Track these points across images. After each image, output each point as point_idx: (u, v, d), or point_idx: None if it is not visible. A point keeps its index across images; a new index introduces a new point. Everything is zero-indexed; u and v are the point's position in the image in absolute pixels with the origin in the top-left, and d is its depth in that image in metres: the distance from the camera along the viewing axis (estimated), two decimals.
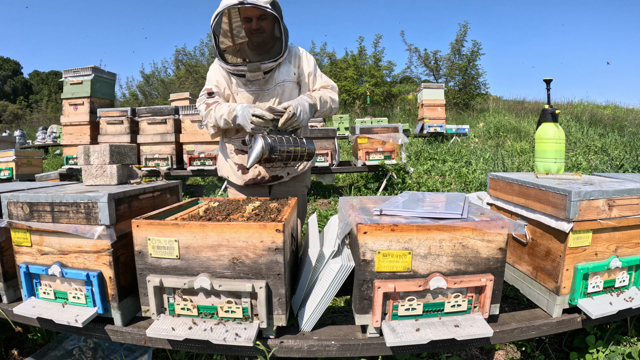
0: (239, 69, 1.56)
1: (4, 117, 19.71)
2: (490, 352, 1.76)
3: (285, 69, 1.65)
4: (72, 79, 4.81)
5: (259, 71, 1.56)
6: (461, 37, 12.27)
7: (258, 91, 1.63)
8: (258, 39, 1.62)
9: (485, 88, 12.67)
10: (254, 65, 1.54)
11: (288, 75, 1.65)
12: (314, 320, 1.17)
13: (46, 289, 1.23)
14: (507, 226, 1.10)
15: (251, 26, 1.57)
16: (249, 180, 1.73)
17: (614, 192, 1.20)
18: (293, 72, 1.68)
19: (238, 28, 1.74)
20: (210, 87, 1.66)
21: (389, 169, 4.41)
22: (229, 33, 1.75)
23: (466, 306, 1.13)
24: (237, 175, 1.74)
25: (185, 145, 4.28)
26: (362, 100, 12.17)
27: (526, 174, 1.64)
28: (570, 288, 1.24)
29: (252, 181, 1.74)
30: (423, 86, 8.03)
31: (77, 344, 1.67)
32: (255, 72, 1.56)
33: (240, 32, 1.74)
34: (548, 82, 1.66)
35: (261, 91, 1.63)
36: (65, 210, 1.15)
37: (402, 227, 1.07)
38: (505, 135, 8.02)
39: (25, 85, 28.81)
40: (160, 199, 1.47)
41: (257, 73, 1.56)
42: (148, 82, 15.18)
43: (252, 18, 1.56)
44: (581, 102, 12.12)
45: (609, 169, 4.60)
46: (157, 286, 1.09)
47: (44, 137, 9.88)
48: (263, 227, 1.04)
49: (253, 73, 1.56)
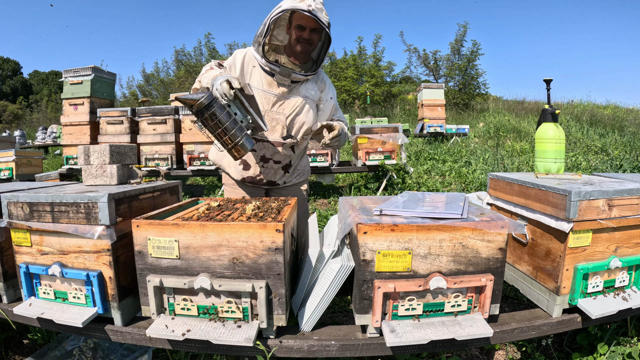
0: (272, 67, 1.59)
1: (4, 117, 19.70)
2: (490, 352, 1.76)
3: (311, 87, 1.71)
4: (72, 79, 4.81)
5: (288, 78, 1.60)
6: (461, 37, 12.28)
7: (280, 96, 1.65)
8: (304, 49, 1.64)
9: (485, 88, 12.68)
10: (286, 70, 1.59)
11: (312, 95, 1.71)
12: (314, 320, 1.17)
13: (46, 289, 1.23)
14: (507, 226, 1.10)
15: (302, 35, 1.60)
16: (247, 177, 1.74)
17: (614, 192, 1.20)
18: (317, 93, 1.73)
19: (278, 30, 1.76)
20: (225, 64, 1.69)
21: (389, 169, 4.41)
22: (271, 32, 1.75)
23: (466, 306, 1.13)
24: (237, 169, 1.74)
25: (185, 145, 4.29)
26: (362, 100, 12.17)
27: (526, 174, 1.64)
28: (570, 288, 1.24)
29: (250, 179, 1.74)
30: (423, 86, 8.03)
31: (77, 344, 1.67)
32: (285, 77, 1.60)
33: (279, 35, 1.76)
34: (548, 82, 1.66)
35: (283, 97, 1.65)
36: (65, 210, 1.15)
37: (402, 227, 1.07)
38: (505, 135, 8.02)
39: (25, 85, 28.80)
40: (160, 199, 1.47)
41: (286, 79, 1.61)
42: (148, 82, 15.20)
43: (306, 28, 1.59)
44: (581, 102, 12.13)
45: (608, 169, 4.60)
46: (157, 286, 1.09)
47: (44, 137, 9.88)
48: (263, 227, 1.04)
49: (282, 77, 1.60)
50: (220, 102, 1.39)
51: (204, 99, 1.35)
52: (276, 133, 1.67)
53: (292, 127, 1.68)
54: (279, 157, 1.71)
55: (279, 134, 1.67)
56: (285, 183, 1.80)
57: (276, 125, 1.66)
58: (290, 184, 1.83)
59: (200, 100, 1.35)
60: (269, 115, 1.66)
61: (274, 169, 1.73)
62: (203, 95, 1.36)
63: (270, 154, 1.70)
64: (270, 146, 1.68)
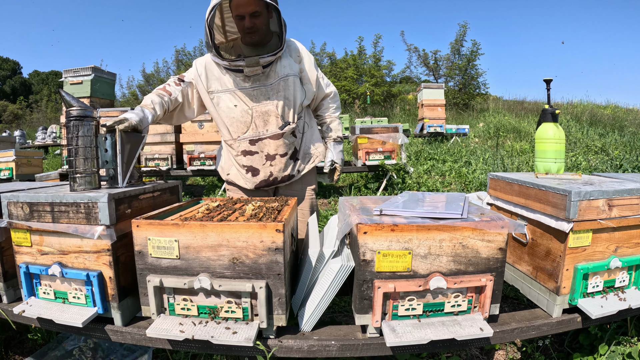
0: (236, 64, 1.50)
1: (4, 117, 19.70)
2: (490, 352, 1.76)
3: (287, 62, 1.59)
4: (72, 79, 4.82)
5: (257, 66, 1.49)
6: (461, 37, 12.28)
7: (260, 87, 1.57)
8: (252, 39, 1.54)
9: (485, 88, 12.68)
10: (252, 59, 1.47)
11: (291, 69, 1.60)
12: (314, 320, 1.17)
13: (46, 289, 1.23)
14: (507, 226, 1.10)
15: (244, 24, 1.50)
16: (261, 182, 1.67)
17: (614, 192, 1.20)
18: (295, 66, 1.62)
19: (231, 24, 1.67)
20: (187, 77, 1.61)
21: (389, 169, 4.41)
22: (221, 29, 1.68)
23: (466, 306, 1.13)
24: (247, 178, 1.68)
25: (185, 145, 4.28)
26: (362, 100, 12.17)
27: (526, 174, 1.64)
28: (570, 288, 1.24)
29: (264, 182, 1.67)
30: (423, 86, 8.03)
31: (77, 344, 1.67)
32: (254, 66, 1.49)
33: (233, 28, 1.66)
34: (548, 82, 1.66)
35: (264, 86, 1.57)
36: (65, 210, 1.15)
37: (402, 227, 1.07)
38: (505, 135, 8.03)
39: (25, 85, 28.81)
40: (160, 199, 1.47)
41: (256, 68, 1.50)
42: (148, 82, 15.20)
43: (245, 15, 1.47)
44: (581, 102, 12.13)
45: (608, 169, 4.60)
46: (157, 286, 1.09)
47: (44, 137, 9.88)
48: (263, 227, 1.04)
49: (251, 68, 1.50)
50: (89, 123, 1.24)
51: (75, 110, 1.22)
52: (271, 125, 1.60)
53: (285, 113, 1.61)
54: (284, 149, 1.64)
55: (275, 126, 1.60)
56: (299, 172, 1.74)
57: (269, 118, 1.59)
58: (306, 170, 1.77)
59: (72, 108, 1.23)
60: (258, 110, 1.57)
61: (283, 163, 1.66)
62: (80, 105, 1.24)
63: (274, 150, 1.62)
64: (272, 142, 1.61)
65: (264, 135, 1.61)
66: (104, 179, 1.33)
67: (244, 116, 1.59)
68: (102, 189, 1.28)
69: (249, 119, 1.58)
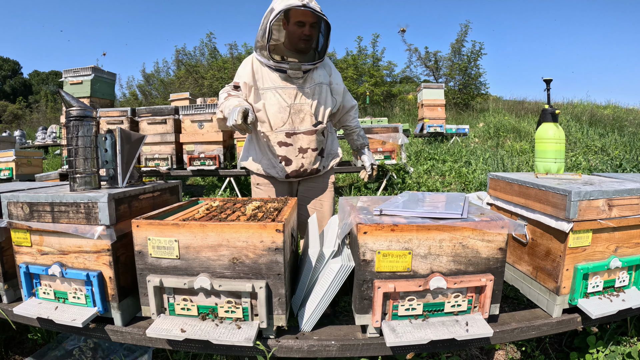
0: (281, 65, 1.68)
1: (4, 117, 19.70)
2: (490, 352, 1.76)
3: (322, 72, 1.80)
4: (72, 79, 4.81)
5: (300, 70, 1.69)
6: (462, 37, 12.26)
7: (298, 88, 1.74)
8: (306, 46, 1.72)
9: (485, 88, 12.66)
10: (296, 64, 1.68)
11: (324, 79, 1.81)
12: (314, 320, 1.17)
13: (46, 289, 1.23)
14: (507, 226, 1.10)
15: (304, 31, 1.67)
16: (292, 172, 1.82)
17: (614, 192, 1.20)
18: (327, 77, 1.83)
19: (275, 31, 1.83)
20: (239, 81, 1.77)
21: (389, 169, 4.41)
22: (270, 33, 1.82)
23: (466, 306, 1.13)
24: (279, 167, 1.82)
25: (185, 145, 4.28)
26: (362, 100, 12.16)
27: (526, 174, 1.64)
28: (570, 288, 1.24)
29: (295, 173, 1.83)
30: (423, 86, 8.02)
31: (77, 344, 1.67)
32: (297, 70, 1.69)
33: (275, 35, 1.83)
34: (548, 82, 1.66)
35: (301, 89, 1.74)
36: (65, 210, 1.15)
37: (402, 227, 1.07)
38: (505, 135, 8.02)
39: (25, 85, 28.80)
40: (160, 199, 1.47)
41: (299, 72, 1.70)
42: (148, 82, 15.18)
43: (306, 24, 1.66)
44: (581, 102, 12.12)
45: (608, 168, 4.60)
46: (157, 286, 1.09)
47: (44, 137, 9.88)
48: (263, 227, 1.04)
49: (294, 71, 1.69)
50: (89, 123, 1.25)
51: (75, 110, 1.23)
52: (306, 123, 1.76)
53: (318, 113, 1.79)
54: (315, 144, 1.81)
55: (309, 123, 1.77)
56: (324, 168, 1.91)
57: (304, 115, 1.76)
58: (329, 167, 1.95)
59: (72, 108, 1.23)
60: (295, 108, 1.74)
61: (313, 157, 1.83)
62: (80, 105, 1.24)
63: (307, 144, 1.79)
64: (305, 137, 1.77)
65: (298, 131, 1.76)
66: (104, 179, 1.34)
67: (282, 112, 1.74)
68: (102, 189, 1.28)
69: (286, 115, 1.74)
